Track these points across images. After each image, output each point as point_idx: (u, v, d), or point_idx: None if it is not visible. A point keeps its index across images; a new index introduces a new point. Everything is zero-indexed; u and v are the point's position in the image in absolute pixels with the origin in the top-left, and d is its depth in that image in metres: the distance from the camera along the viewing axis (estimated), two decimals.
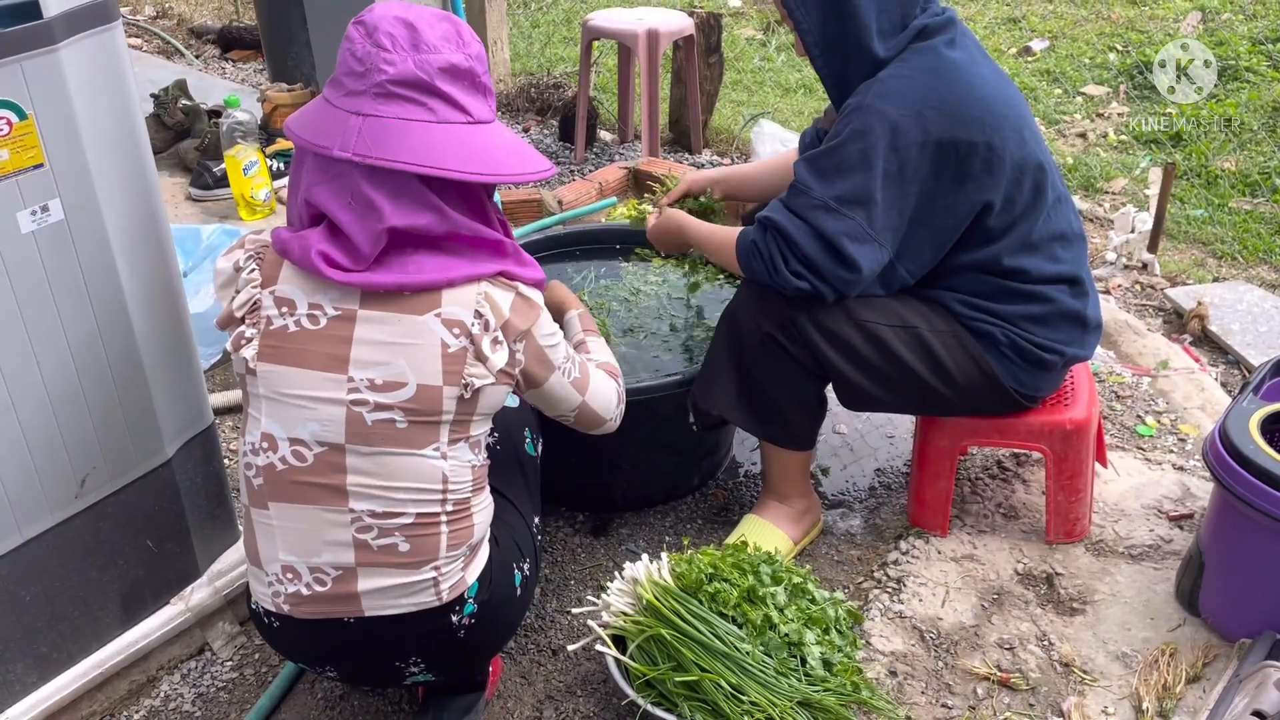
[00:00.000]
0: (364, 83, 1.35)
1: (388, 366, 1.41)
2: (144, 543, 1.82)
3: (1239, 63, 4.96)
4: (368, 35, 1.36)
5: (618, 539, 2.24)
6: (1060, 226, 1.94)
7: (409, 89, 1.35)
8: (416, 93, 1.35)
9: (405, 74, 1.34)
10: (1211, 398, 2.61)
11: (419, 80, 1.35)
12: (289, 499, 1.46)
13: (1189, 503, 2.24)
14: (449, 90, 1.36)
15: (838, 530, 2.24)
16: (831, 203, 1.81)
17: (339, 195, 1.37)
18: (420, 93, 1.35)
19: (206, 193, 3.15)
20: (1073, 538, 2.13)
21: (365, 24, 1.37)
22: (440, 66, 1.36)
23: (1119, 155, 4.46)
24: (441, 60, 1.36)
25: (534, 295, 1.51)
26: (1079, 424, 2.04)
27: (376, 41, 1.35)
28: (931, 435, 2.11)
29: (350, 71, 1.37)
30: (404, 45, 1.35)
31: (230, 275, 1.48)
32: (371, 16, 1.37)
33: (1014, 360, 1.93)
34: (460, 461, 1.49)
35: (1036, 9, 6.10)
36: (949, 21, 1.88)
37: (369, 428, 1.42)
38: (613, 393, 1.75)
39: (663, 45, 3.85)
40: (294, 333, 1.43)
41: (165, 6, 6.44)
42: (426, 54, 1.35)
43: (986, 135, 1.80)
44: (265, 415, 1.45)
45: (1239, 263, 3.54)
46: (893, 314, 1.91)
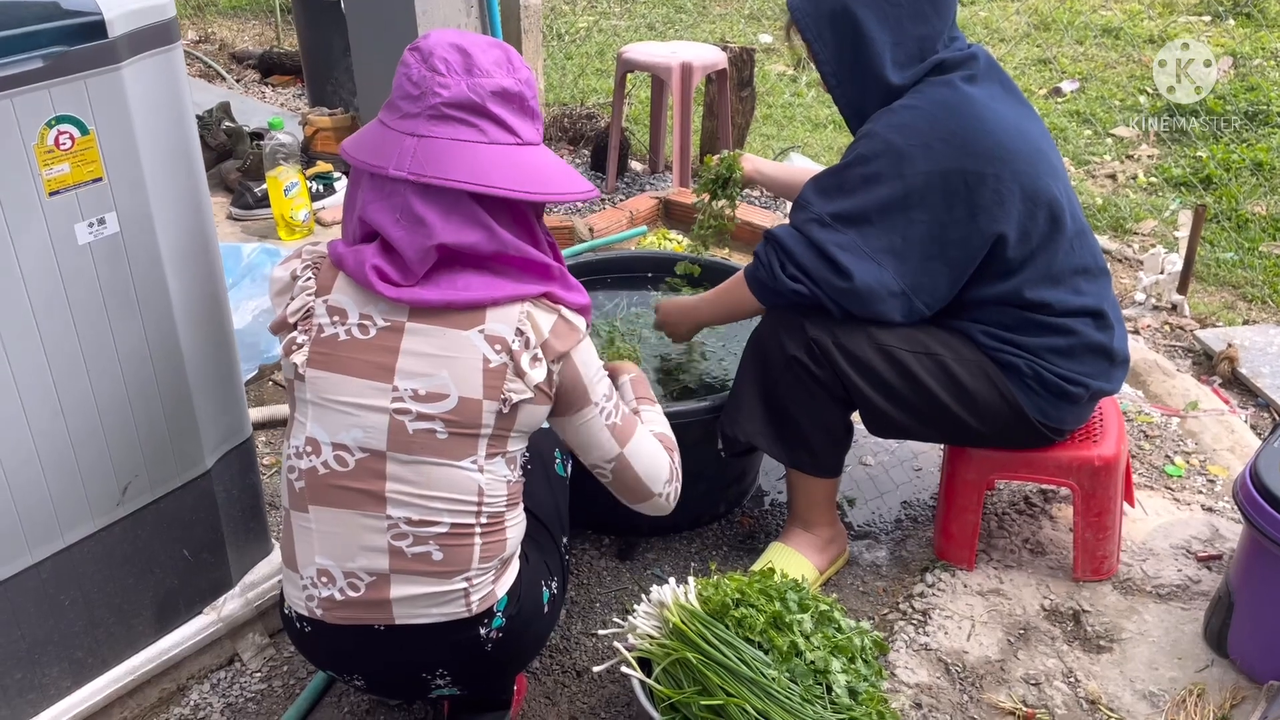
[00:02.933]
0: (419, 105, 1.40)
1: (431, 378, 1.44)
2: (180, 552, 1.85)
3: (1270, 108, 4.96)
4: (423, 60, 1.41)
5: (643, 563, 2.25)
6: (1083, 260, 1.96)
7: (462, 111, 1.40)
8: (469, 114, 1.40)
9: (458, 97, 1.39)
10: (1241, 440, 2.60)
11: (471, 103, 1.39)
12: (328, 503, 1.49)
13: (1218, 544, 2.23)
14: (499, 113, 1.41)
15: (864, 561, 2.24)
16: (827, 218, 1.88)
17: (391, 213, 1.41)
18: (472, 114, 1.40)
19: (247, 212, 3.21)
20: (1100, 575, 2.13)
21: (421, 50, 1.42)
22: (492, 90, 1.40)
23: (1149, 197, 4.47)
24: (493, 84, 1.40)
25: (576, 320, 1.54)
26: (1108, 460, 2.04)
27: (432, 66, 1.40)
28: (959, 468, 2.12)
29: (406, 95, 1.42)
30: (458, 70, 1.40)
31: (286, 283, 1.53)
32: (427, 43, 1.43)
33: (1038, 392, 1.94)
34: (496, 476, 1.52)
35: (1067, 51, 6.14)
36: (970, 58, 1.92)
37: (410, 436, 1.45)
38: (664, 465, 1.68)
39: (696, 78, 3.91)
40: (344, 341, 1.47)
41: (208, 32, 6.58)
42: (479, 78, 1.40)
43: (995, 168, 1.83)
44: (311, 420, 1.49)
45: (1269, 306, 3.53)
46: (916, 341, 1.93)
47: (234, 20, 6.96)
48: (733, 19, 6.91)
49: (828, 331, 1.92)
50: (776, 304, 1.97)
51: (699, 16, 6.98)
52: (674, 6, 7.16)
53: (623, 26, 6.76)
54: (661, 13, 7.04)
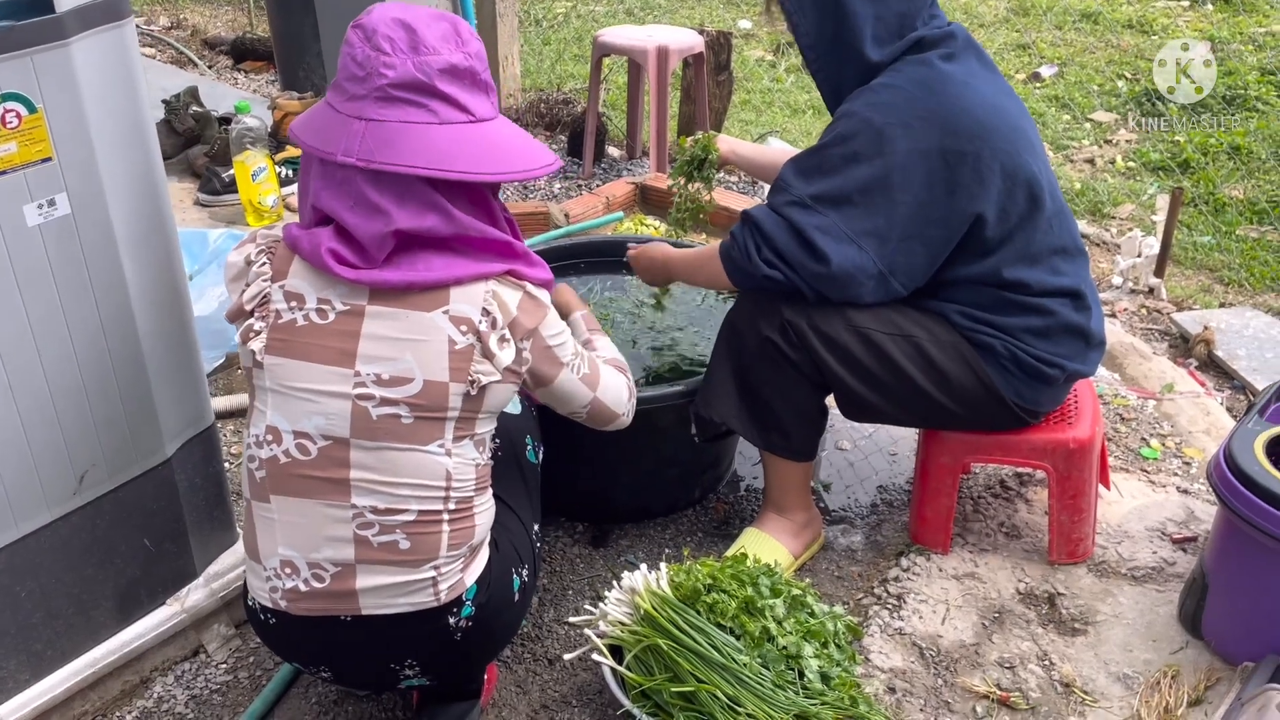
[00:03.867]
0: (365, 87, 1.36)
1: (395, 362, 1.41)
2: (141, 542, 1.81)
3: (1248, 92, 4.97)
4: (366, 39, 1.37)
5: (616, 550, 2.23)
6: (1061, 239, 1.94)
7: (410, 91, 1.35)
8: (418, 95, 1.36)
9: (405, 77, 1.35)
10: (1217, 422, 2.60)
11: (419, 83, 1.35)
12: (291, 492, 1.46)
13: (1193, 525, 2.23)
14: (450, 91, 1.37)
15: (839, 546, 2.22)
16: (807, 200, 1.85)
17: (343, 199, 1.38)
18: (421, 94, 1.36)
19: (215, 198, 3.16)
20: (1075, 558, 2.12)
21: (363, 27, 1.38)
22: (440, 68, 1.36)
23: (1127, 181, 4.46)
24: (441, 61, 1.36)
25: (541, 295, 1.52)
26: (1082, 443, 2.03)
27: (376, 45, 1.35)
28: (934, 451, 2.10)
29: (351, 76, 1.37)
30: (403, 48, 1.35)
31: (241, 268, 1.49)
32: (369, 20, 1.38)
33: (1014, 373, 1.92)
34: (464, 459, 1.49)
35: (1046, 35, 6.13)
36: (948, 35, 1.89)
37: (374, 422, 1.42)
38: (624, 387, 1.76)
39: (672, 62, 3.87)
40: (302, 327, 1.43)
41: (180, 18, 6.49)
42: (426, 55, 1.35)
43: (975, 146, 1.81)
44: (271, 408, 1.46)
45: (1245, 289, 3.53)
46: (891, 323, 1.91)
47: (207, 6, 6.86)
48: (711, 4, 6.86)
49: (803, 313, 1.90)
50: (751, 287, 1.95)
51: (677, 1, 6.94)
52: None
53: (600, 11, 6.71)
54: None
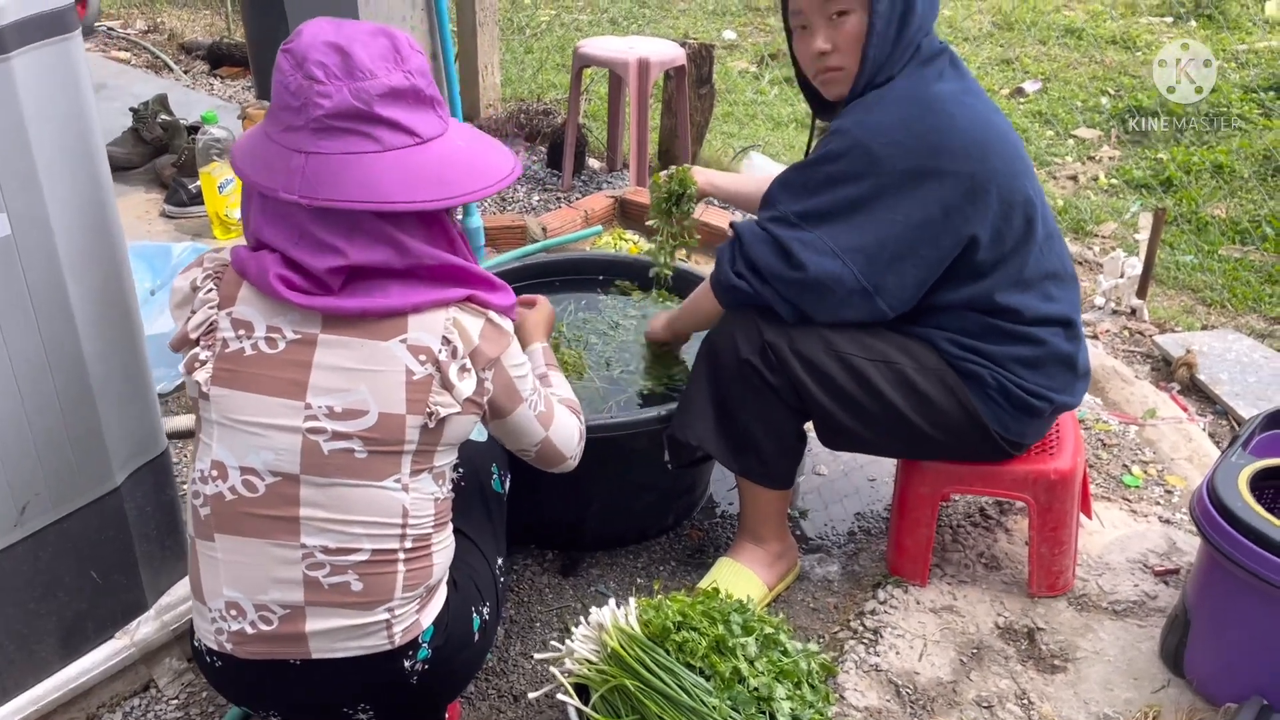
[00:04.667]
0: (301, 118, 1.29)
1: (348, 393, 1.35)
2: (88, 574, 1.74)
3: (1230, 110, 4.96)
4: (298, 66, 1.29)
5: (587, 579, 2.16)
6: (1053, 264, 1.89)
7: (349, 120, 1.28)
8: (357, 123, 1.28)
9: (342, 106, 1.27)
10: (1199, 449, 2.56)
11: (358, 110, 1.28)
12: (237, 531, 1.39)
13: (1175, 557, 2.18)
14: (391, 115, 1.30)
15: (815, 576, 2.17)
16: (793, 216, 1.81)
17: (288, 234, 1.32)
18: (361, 123, 1.29)
19: (181, 209, 3.09)
20: (1056, 591, 2.07)
21: (293, 53, 1.30)
22: (379, 92, 1.29)
23: (1109, 199, 4.44)
24: (379, 85, 1.29)
25: (504, 323, 1.45)
26: (1064, 474, 1.98)
27: (308, 73, 1.28)
28: (912, 481, 2.05)
29: (285, 106, 1.30)
30: (337, 74, 1.28)
31: (186, 294, 1.42)
32: (299, 44, 1.30)
33: (1001, 404, 1.88)
34: (422, 494, 1.43)
35: (1030, 50, 6.12)
36: (940, 52, 1.85)
37: (325, 457, 1.36)
38: (575, 429, 1.69)
39: (653, 75, 3.82)
40: (250, 356, 1.36)
41: (157, 21, 6.40)
42: (363, 81, 1.28)
43: (970, 166, 1.76)
44: (216, 442, 1.39)
45: (1228, 310, 3.50)
46: (876, 349, 1.86)
47: (185, 10, 6.77)
48: (695, 14, 6.83)
49: (784, 336, 1.84)
50: (731, 302, 1.91)
51: (662, 12, 6.90)
52: (637, 1, 7.07)
53: (584, 20, 6.66)
54: (624, 7, 6.94)
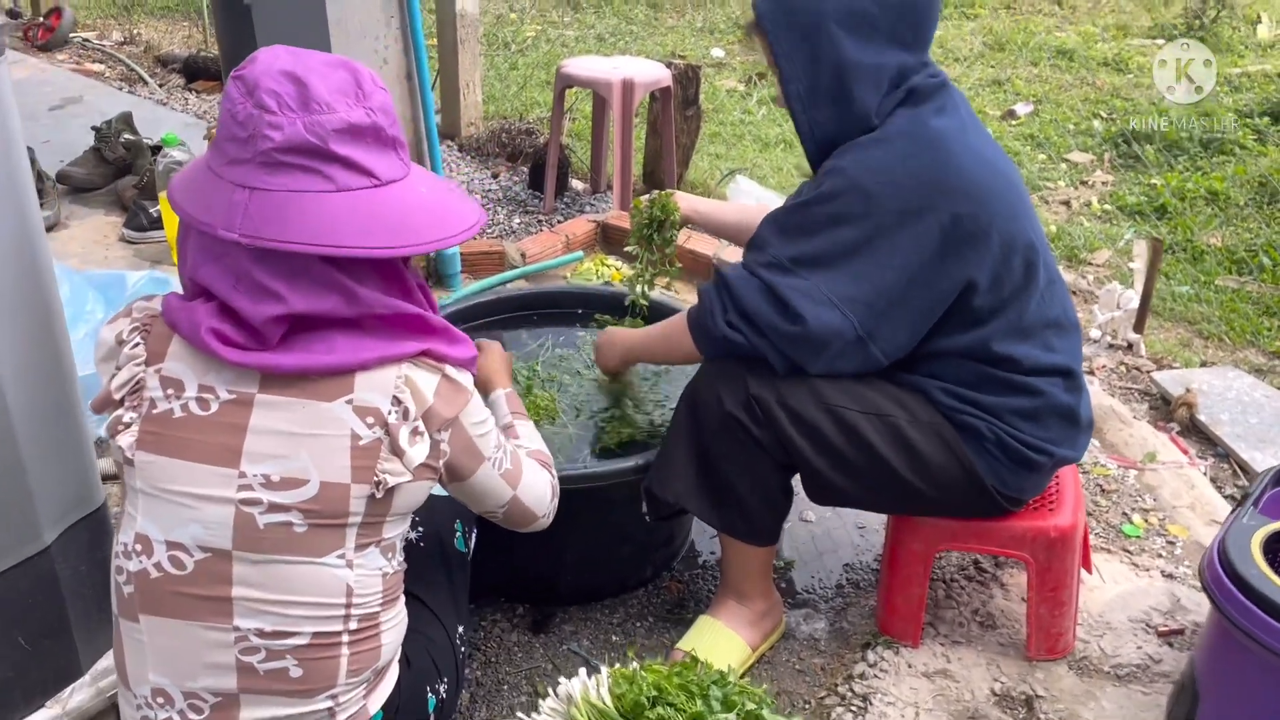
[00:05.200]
0: (248, 150, 1.17)
1: (286, 460, 1.22)
2: (15, 639, 1.61)
3: (1225, 135, 4.88)
4: (248, 94, 1.17)
5: (559, 636, 2.04)
6: (1054, 312, 1.78)
7: (300, 156, 1.16)
8: (309, 159, 1.17)
9: (294, 140, 1.16)
10: (1201, 496, 2.45)
11: (310, 146, 1.16)
12: (163, 612, 1.26)
13: (1180, 616, 2.07)
14: (347, 153, 1.18)
15: (801, 634, 2.05)
16: (786, 262, 1.69)
17: (226, 277, 1.19)
18: (314, 159, 1.17)
19: (141, 234, 2.96)
20: (1055, 654, 1.95)
21: (245, 80, 1.18)
22: (335, 128, 1.17)
23: (1103, 225, 4.35)
24: (336, 120, 1.17)
25: (463, 378, 1.33)
26: (1064, 531, 1.87)
27: (259, 102, 1.16)
28: (904, 537, 1.93)
29: (231, 137, 1.18)
30: (291, 105, 1.16)
31: (112, 348, 1.29)
32: (252, 70, 1.19)
33: (999, 459, 1.76)
34: (369, 570, 1.30)
35: (1021, 72, 6.05)
36: (941, 86, 1.74)
37: (260, 531, 1.23)
38: (546, 485, 1.56)
39: (638, 96, 3.71)
40: (180, 418, 1.24)
41: (133, 32, 6.27)
42: (319, 114, 1.17)
43: (971, 208, 1.66)
44: (141, 513, 1.26)
45: (1226, 344, 3.41)
46: (868, 401, 1.75)
47: (163, 21, 6.66)
48: (683, 31, 6.74)
49: (771, 389, 1.73)
50: (716, 353, 1.78)
51: (649, 29, 6.80)
52: (624, 18, 6.98)
53: (570, 36, 6.56)
54: (610, 24, 6.85)
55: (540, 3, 7.28)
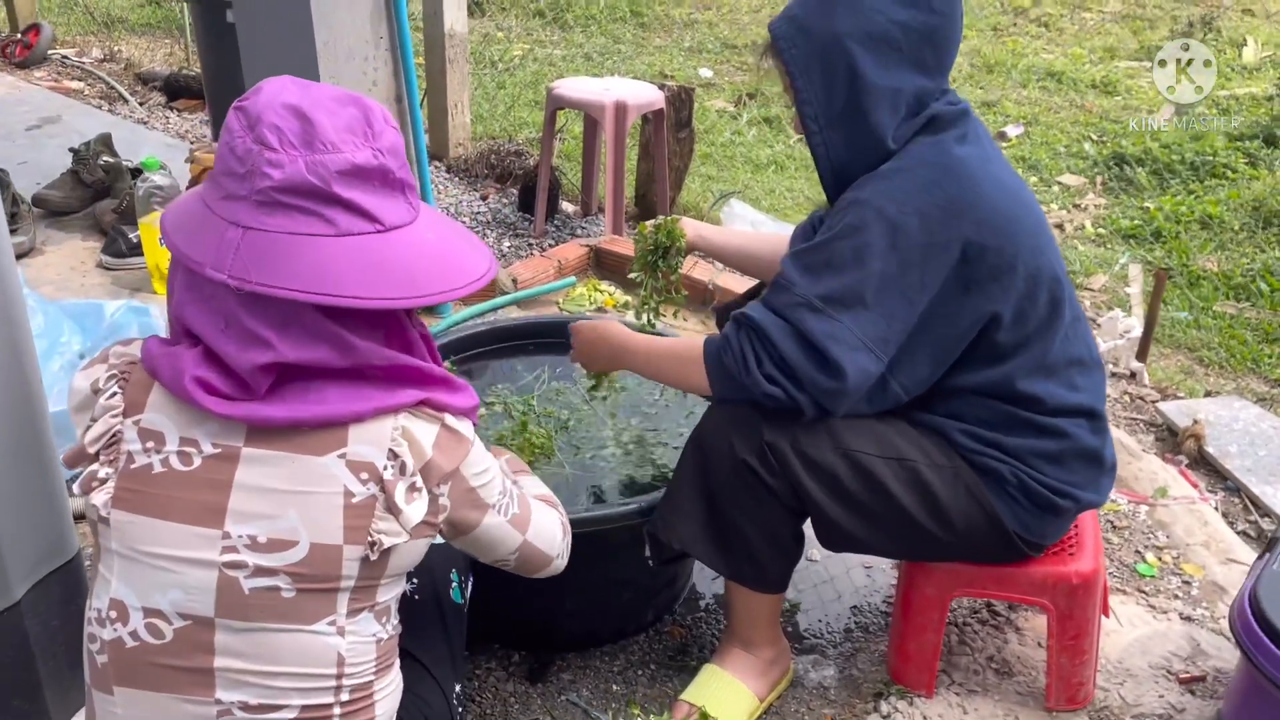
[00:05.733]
0: (245, 187, 1.08)
1: (274, 520, 1.13)
2: None
3: (1216, 159, 4.87)
4: (249, 127, 1.09)
5: (558, 685, 1.95)
6: (1078, 350, 1.72)
7: (299, 197, 1.08)
8: (309, 201, 1.08)
9: (294, 179, 1.08)
10: (1215, 533, 2.39)
11: (311, 187, 1.08)
12: (140, 684, 1.16)
13: (1200, 661, 2.00)
14: (351, 196, 1.10)
15: (809, 682, 1.97)
16: (816, 301, 1.59)
17: (213, 319, 1.10)
18: (314, 201, 1.09)
19: (119, 261, 2.86)
20: (1075, 704, 1.88)
21: (247, 112, 1.10)
22: (340, 169, 1.09)
23: (1097, 249, 4.31)
24: (341, 161, 1.09)
25: (463, 427, 1.25)
26: (1086, 577, 1.79)
27: (260, 136, 1.08)
28: (918, 582, 1.86)
29: (229, 171, 1.10)
30: (294, 142, 1.08)
31: (87, 396, 1.20)
32: (256, 102, 1.11)
33: (1021, 503, 1.69)
34: (362, 637, 1.21)
35: (1011, 94, 6.03)
36: (963, 114, 1.67)
37: (245, 597, 1.14)
38: (556, 525, 1.49)
39: (630, 118, 3.65)
40: (159, 474, 1.15)
41: (114, 49, 6.17)
42: (323, 154, 1.08)
43: (998, 240, 1.59)
44: (116, 577, 1.16)
45: (1227, 371, 3.37)
46: (887, 444, 1.67)
47: (144, 38, 6.55)
48: (672, 51, 6.69)
49: (787, 435, 1.64)
50: (736, 399, 1.67)
51: (637, 48, 6.76)
52: (612, 37, 6.93)
53: (558, 56, 6.50)
54: (599, 43, 6.80)
55: (527, 22, 7.23)
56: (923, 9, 1.61)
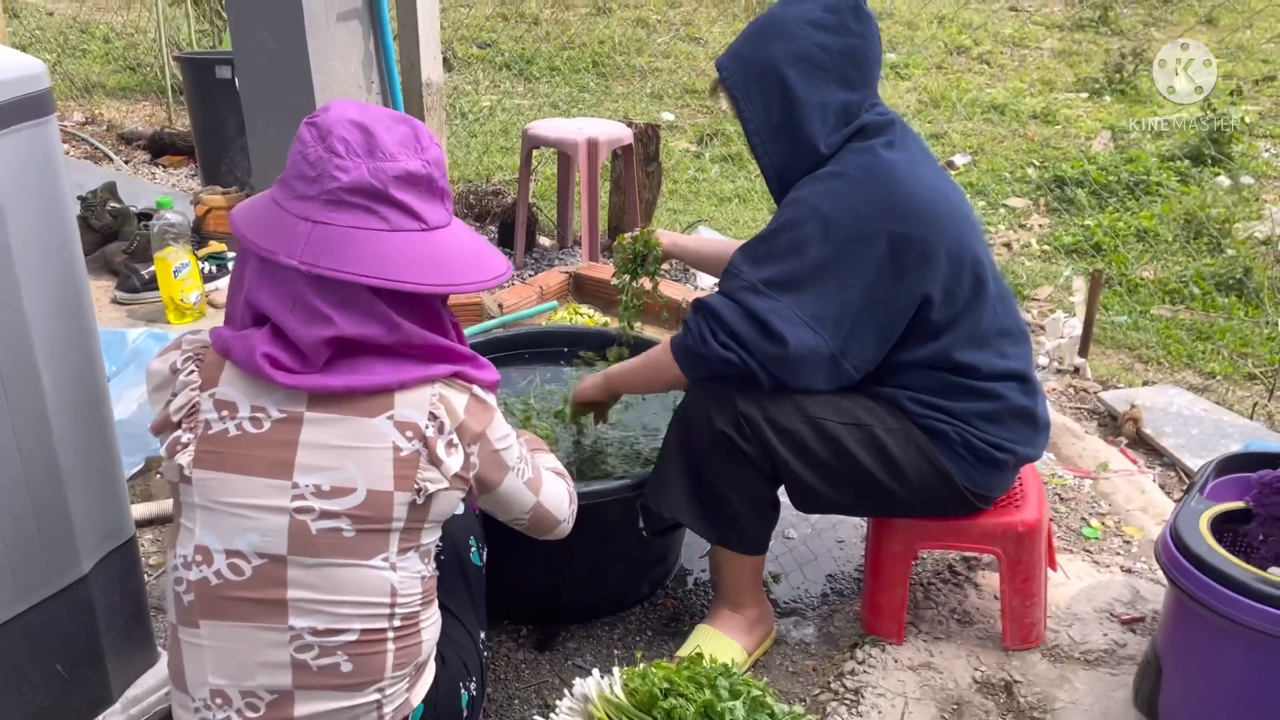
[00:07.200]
0: (315, 188, 1.31)
1: (335, 471, 1.34)
2: (53, 667, 1.68)
3: (1150, 177, 5.21)
4: (320, 139, 1.32)
5: (564, 653, 2.14)
6: (1006, 322, 1.96)
7: (362, 197, 1.31)
8: (370, 200, 1.31)
9: (359, 181, 1.30)
10: (1152, 500, 2.63)
11: (373, 188, 1.31)
12: (223, 616, 1.36)
13: (1139, 605, 2.23)
14: (404, 198, 1.33)
15: (791, 640, 2.17)
16: (760, 285, 1.84)
17: (283, 301, 1.32)
18: (374, 200, 1.31)
19: (133, 295, 3.06)
20: (1029, 643, 2.10)
21: (319, 127, 1.33)
22: (396, 174, 1.32)
23: (1043, 264, 4.61)
24: (397, 168, 1.32)
25: (488, 397, 1.47)
26: (1030, 525, 2.02)
27: (330, 146, 1.31)
28: (884, 540, 2.08)
29: (301, 175, 1.33)
30: (359, 151, 1.31)
31: (166, 377, 1.41)
32: (326, 118, 1.34)
33: (967, 459, 1.92)
34: (410, 572, 1.41)
35: (957, 126, 6.37)
36: (889, 123, 1.93)
37: (313, 537, 1.34)
38: (564, 492, 1.70)
39: (602, 154, 3.91)
40: (235, 437, 1.35)
41: (95, 113, 6.38)
42: (382, 161, 1.31)
43: (920, 229, 1.83)
44: (200, 526, 1.36)
45: (1165, 367, 3.64)
46: (846, 411, 1.90)
47: (123, 101, 6.77)
48: (635, 98, 7.01)
49: (758, 406, 1.87)
50: (703, 375, 1.91)
51: (602, 95, 7.07)
52: (577, 86, 7.24)
53: (526, 105, 6.79)
54: (565, 92, 7.10)
55: (494, 75, 7.53)
56: (842, 32, 1.88)
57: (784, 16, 1.90)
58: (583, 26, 8.15)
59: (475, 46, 7.93)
